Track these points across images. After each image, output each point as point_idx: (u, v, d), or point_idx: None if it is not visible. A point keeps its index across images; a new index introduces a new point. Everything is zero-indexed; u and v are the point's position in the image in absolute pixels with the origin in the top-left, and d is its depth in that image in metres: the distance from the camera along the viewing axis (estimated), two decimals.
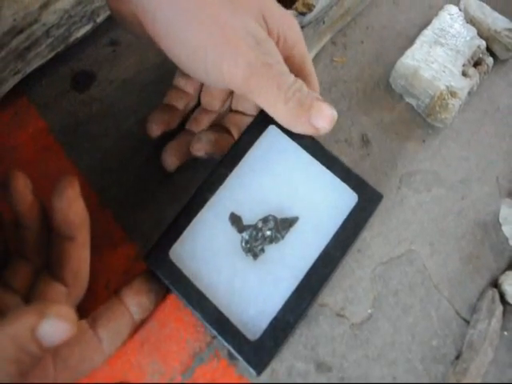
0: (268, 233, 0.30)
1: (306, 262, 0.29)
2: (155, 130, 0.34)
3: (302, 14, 0.38)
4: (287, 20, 0.30)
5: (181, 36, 0.27)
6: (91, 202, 0.35)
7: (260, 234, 0.30)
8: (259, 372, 0.27)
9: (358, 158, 0.38)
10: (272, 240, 0.30)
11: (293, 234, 0.30)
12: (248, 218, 0.30)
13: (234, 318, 0.28)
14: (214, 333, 0.27)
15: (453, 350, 0.32)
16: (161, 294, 0.30)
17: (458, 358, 0.31)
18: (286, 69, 0.28)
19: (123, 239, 0.33)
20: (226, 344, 0.27)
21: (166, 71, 0.41)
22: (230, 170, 0.31)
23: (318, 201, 0.30)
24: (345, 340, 0.31)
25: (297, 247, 0.30)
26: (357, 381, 0.30)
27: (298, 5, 0.38)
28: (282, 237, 0.30)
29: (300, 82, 0.28)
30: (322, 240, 0.29)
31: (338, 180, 0.30)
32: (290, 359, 0.30)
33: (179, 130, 0.36)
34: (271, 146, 0.31)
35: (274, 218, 0.30)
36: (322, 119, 0.28)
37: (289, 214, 0.30)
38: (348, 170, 0.30)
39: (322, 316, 0.32)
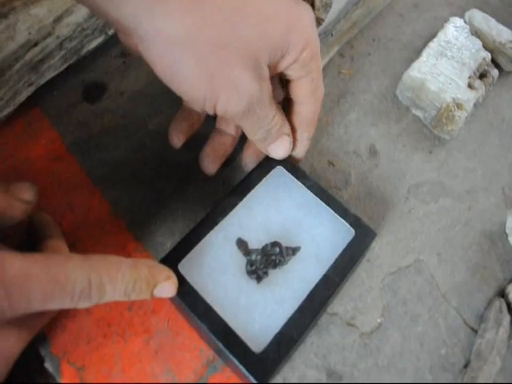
0: (273, 257, 0.31)
1: (307, 285, 0.31)
2: (177, 141, 0.36)
3: None
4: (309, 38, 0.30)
5: (178, 73, 0.27)
6: (103, 212, 0.36)
7: (265, 258, 0.32)
8: (259, 378, 0.28)
9: (366, 170, 0.39)
10: (276, 265, 0.32)
11: (295, 261, 0.32)
12: (253, 244, 0.32)
13: (240, 331, 0.29)
14: (219, 345, 0.28)
15: (461, 359, 0.33)
16: None
17: (466, 366, 0.33)
18: (272, 104, 0.30)
19: (135, 248, 0.35)
20: (230, 356, 0.28)
21: None
22: (240, 200, 0.34)
23: (318, 234, 0.33)
24: (355, 349, 0.32)
25: (298, 272, 0.32)
26: None
27: None
28: (286, 262, 0.32)
29: (277, 119, 0.31)
30: (321, 268, 0.31)
31: (337, 216, 0.33)
32: (301, 368, 0.31)
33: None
34: (278, 183, 0.35)
35: (280, 245, 0.32)
36: (276, 152, 0.33)
37: (292, 244, 0.32)
38: (346, 208, 0.33)
39: (332, 325, 0.33)
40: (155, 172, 0.38)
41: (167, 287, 0.28)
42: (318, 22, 0.38)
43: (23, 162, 0.38)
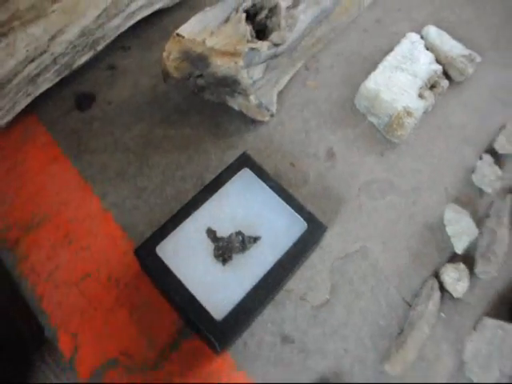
0: (237, 244, 0.42)
1: (264, 268, 0.41)
2: None
3: (277, 45, 0.50)
4: None
5: None
6: (94, 206, 0.47)
7: (230, 245, 0.42)
8: (222, 346, 0.38)
9: (323, 170, 0.50)
10: (239, 251, 0.42)
11: (255, 248, 0.43)
12: (221, 233, 0.43)
13: (205, 303, 0.40)
14: (188, 313, 0.39)
15: (397, 329, 0.44)
16: None
17: (399, 334, 0.43)
18: None
19: (122, 237, 0.45)
20: (196, 322, 0.39)
21: (158, 93, 0.54)
22: (211, 195, 0.44)
23: (276, 226, 0.44)
24: (306, 319, 0.43)
25: (258, 257, 0.42)
26: (314, 352, 0.42)
27: (273, 36, 0.51)
28: (248, 249, 0.42)
29: None
30: (277, 254, 0.42)
31: (293, 212, 0.44)
32: (259, 334, 0.42)
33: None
34: (244, 182, 0.45)
35: (243, 234, 0.43)
36: None
37: (253, 233, 0.43)
38: (301, 205, 0.44)
39: (287, 300, 0.44)
40: (138, 171, 0.49)
41: None
42: (283, 39, 0.50)
43: (22, 162, 0.49)
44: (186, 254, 0.42)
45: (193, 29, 0.49)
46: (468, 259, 0.47)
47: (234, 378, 0.41)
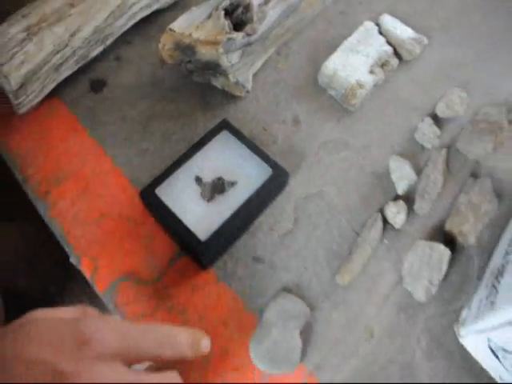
0: (218, 187, 0.57)
1: (239, 203, 0.56)
2: None
3: (249, 35, 0.65)
4: None
5: None
6: (107, 164, 0.62)
7: (213, 188, 0.57)
8: (205, 259, 0.53)
9: (290, 133, 0.64)
10: (220, 192, 0.57)
11: (232, 190, 0.57)
12: (206, 179, 0.58)
13: (192, 228, 0.54)
14: (180, 236, 0.53)
15: (347, 252, 0.57)
16: None
17: (348, 255, 0.57)
18: None
19: (129, 187, 0.60)
20: (186, 242, 0.53)
21: (157, 77, 0.69)
22: (198, 151, 0.59)
23: (249, 173, 0.58)
24: (274, 244, 0.57)
25: (234, 197, 0.57)
26: (280, 269, 0.56)
27: (247, 28, 0.66)
28: (227, 191, 0.57)
29: None
30: (249, 193, 0.56)
31: (262, 162, 0.58)
32: (236, 256, 0.56)
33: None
34: (224, 141, 0.60)
35: (223, 179, 0.57)
36: None
37: (231, 179, 0.58)
38: (268, 157, 0.59)
39: (259, 231, 0.58)
40: (142, 137, 0.64)
41: (207, 341, 0.45)
42: (254, 30, 0.64)
43: (48, 133, 0.64)
44: (179, 196, 0.57)
45: (182, 24, 0.64)
46: (408, 200, 0.61)
47: (216, 287, 0.55)
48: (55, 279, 0.71)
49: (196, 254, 0.53)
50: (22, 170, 0.62)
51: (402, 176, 0.62)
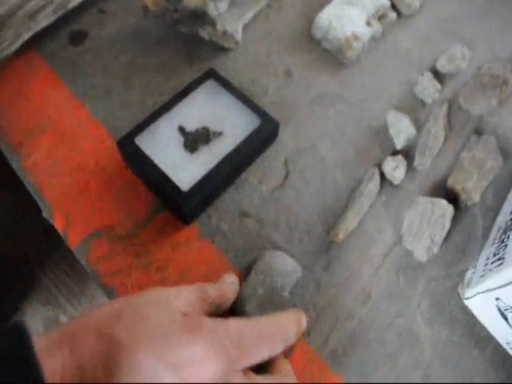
0: (203, 137, 0.50)
1: (224, 154, 0.49)
2: None
3: None
4: None
5: None
6: (85, 117, 0.55)
7: (197, 137, 0.50)
8: (187, 210, 0.46)
9: (281, 85, 0.58)
10: (205, 142, 0.50)
11: (218, 141, 0.51)
12: (190, 129, 0.51)
13: (175, 179, 0.47)
14: (161, 187, 0.47)
15: (341, 208, 0.51)
16: None
17: (343, 211, 0.51)
18: None
19: (108, 138, 0.54)
20: (167, 193, 0.46)
21: (141, 30, 0.62)
22: (181, 100, 0.53)
23: (236, 123, 0.52)
24: (262, 199, 0.51)
25: (220, 147, 0.50)
26: (268, 224, 0.49)
27: None
28: (212, 141, 0.50)
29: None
30: (235, 143, 0.50)
31: (250, 111, 0.52)
32: (221, 210, 0.50)
33: None
34: (211, 90, 0.54)
35: (208, 129, 0.51)
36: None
37: (217, 130, 0.51)
38: (257, 105, 0.52)
39: (246, 184, 0.51)
40: (123, 90, 0.57)
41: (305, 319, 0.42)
42: None
43: (25, 86, 0.58)
44: (161, 145, 0.50)
45: None
46: (408, 156, 0.54)
47: (198, 243, 0.48)
48: (34, 246, 0.65)
49: (177, 206, 0.47)
50: None
51: (401, 130, 0.55)
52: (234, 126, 0.51)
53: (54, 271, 0.72)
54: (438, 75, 0.60)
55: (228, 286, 0.43)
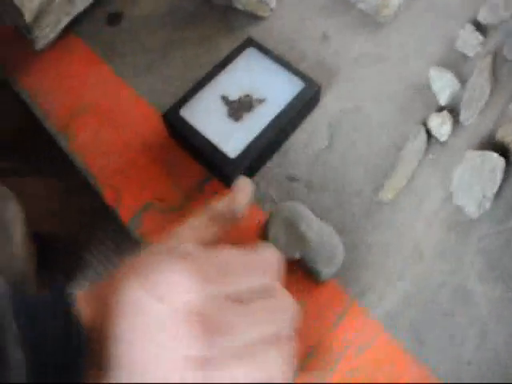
0: (246, 105, 0.48)
1: (268, 120, 0.47)
2: None
3: None
4: None
5: None
6: (128, 95, 0.54)
7: (241, 105, 0.48)
8: (235, 177, 0.44)
9: (319, 50, 0.55)
10: (248, 110, 0.48)
11: (262, 108, 0.48)
12: (233, 98, 0.49)
13: (221, 147, 0.46)
14: (208, 156, 0.45)
15: (389, 167, 0.48)
16: None
17: (391, 170, 0.48)
18: None
19: (154, 114, 0.52)
20: (214, 161, 0.44)
21: (174, 6, 0.60)
22: (223, 69, 0.50)
23: (278, 88, 0.49)
24: (309, 163, 0.48)
25: (263, 113, 0.48)
26: (317, 187, 0.47)
27: None
28: (255, 108, 0.48)
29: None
30: (279, 108, 0.48)
31: (291, 76, 0.49)
32: (268, 176, 0.48)
33: None
34: (251, 58, 0.51)
35: (251, 96, 0.48)
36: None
37: (260, 97, 0.49)
38: (298, 70, 0.50)
39: (292, 148, 0.49)
40: (164, 65, 0.55)
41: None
42: None
43: (66, 68, 0.56)
44: (205, 116, 0.48)
45: None
46: (453, 112, 0.50)
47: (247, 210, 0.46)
48: (83, 226, 0.65)
49: (225, 173, 0.45)
50: (41, 106, 0.54)
51: (444, 85, 0.51)
52: (276, 91, 0.49)
53: (100, 250, 0.72)
54: (479, 27, 0.56)
55: (239, 191, 0.38)
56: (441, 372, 0.39)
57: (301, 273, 0.43)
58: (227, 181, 0.46)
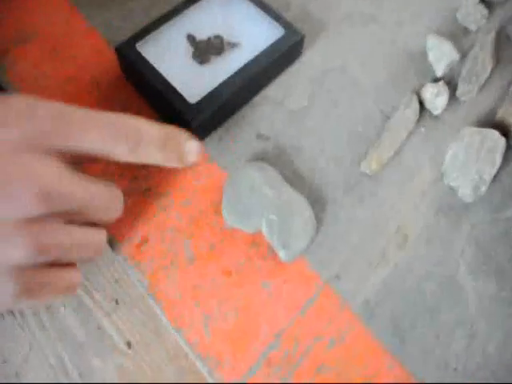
0: (215, 46, 0.39)
1: (239, 65, 0.38)
2: None
3: None
4: None
5: None
6: (81, 25, 0.44)
7: (209, 47, 0.39)
8: (196, 131, 0.36)
9: (305, 1, 0.47)
10: (217, 53, 0.39)
11: (233, 51, 0.40)
12: (200, 37, 0.40)
13: (181, 90, 0.37)
14: (165, 98, 0.36)
15: (374, 136, 0.40)
16: None
17: (377, 139, 0.40)
18: None
19: (107, 49, 0.43)
20: (172, 105, 0.36)
21: None
22: (191, 4, 0.42)
23: (255, 33, 0.41)
24: (282, 121, 0.40)
25: (235, 58, 0.39)
26: (289, 149, 0.39)
27: None
28: (226, 51, 0.40)
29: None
30: (252, 56, 0.39)
31: (272, 20, 0.41)
32: (235, 131, 0.39)
33: None
34: None
35: (221, 38, 0.40)
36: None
37: (232, 39, 0.41)
38: (280, 15, 0.41)
39: (264, 104, 0.40)
40: None
41: (194, 146, 0.31)
42: None
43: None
44: (166, 54, 0.39)
45: None
46: (450, 86, 0.43)
47: (206, 168, 0.38)
48: None
49: (183, 121, 0.36)
50: None
51: (442, 55, 0.44)
52: (252, 36, 0.41)
53: None
54: (482, 1, 0.49)
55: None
56: (423, 375, 0.31)
57: (264, 247, 0.35)
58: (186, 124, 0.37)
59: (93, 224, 0.29)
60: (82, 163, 0.28)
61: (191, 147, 0.31)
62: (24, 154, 0.24)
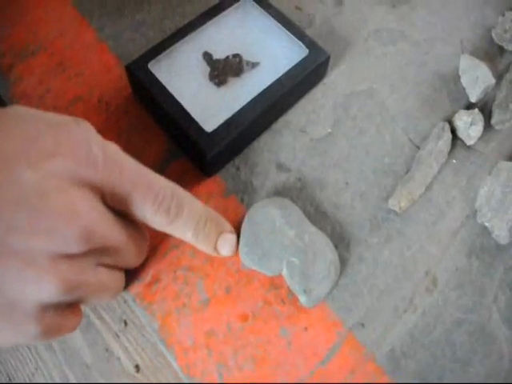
0: (234, 67, 0.34)
1: (259, 89, 0.33)
2: None
3: None
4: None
5: None
6: (90, 37, 0.39)
7: (227, 67, 0.34)
8: (211, 162, 0.31)
9: (330, 15, 0.41)
10: (236, 73, 0.34)
11: (253, 73, 0.35)
12: (217, 56, 0.35)
13: (196, 116, 0.32)
14: (179, 125, 0.31)
15: (403, 168, 0.35)
16: None
17: (406, 172, 0.35)
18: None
19: (116, 65, 0.38)
20: (187, 133, 0.31)
21: None
22: (210, 19, 0.36)
23: (276, 52, 0.36)
24: (304, 150, 0.35)
25: (255, 80, 0.35)
26: (312, 182, 0.34)
27: None
28: (245, 72, 0.35)
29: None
30: (274, 77, 0.34)
31: (295, 39, 0.36)
32: (253, 160, 0.34)
33: None
34: (246, 10, 0.37)
35: (240, 56, 0.35)
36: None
37: (252, 59, 0.35)
38: (303, 32, 0.36)
39: (285, 130, 0.36)
40: (138, 7, 0.41)
41: (230, 239, 0.29)
42: None
43: (22, 2, 0.41)
44: (180, 74, 0.34)
45: None
46: (484, 113, 0.38)
47: (223, 201, 0.33)
48: None
49: (198, 151, 0.31)
50: None
51: (477, 79, 0.39)
52: (273, 55, 0.35)
53: None
54: None
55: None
56: None
57: (284, 290, 0.31)
58: (200, 161, 0.32)
59: (115, 267, 0.27)
60: None
61: (227, 240, 0.29)
62: (74, 187, 0.22)
